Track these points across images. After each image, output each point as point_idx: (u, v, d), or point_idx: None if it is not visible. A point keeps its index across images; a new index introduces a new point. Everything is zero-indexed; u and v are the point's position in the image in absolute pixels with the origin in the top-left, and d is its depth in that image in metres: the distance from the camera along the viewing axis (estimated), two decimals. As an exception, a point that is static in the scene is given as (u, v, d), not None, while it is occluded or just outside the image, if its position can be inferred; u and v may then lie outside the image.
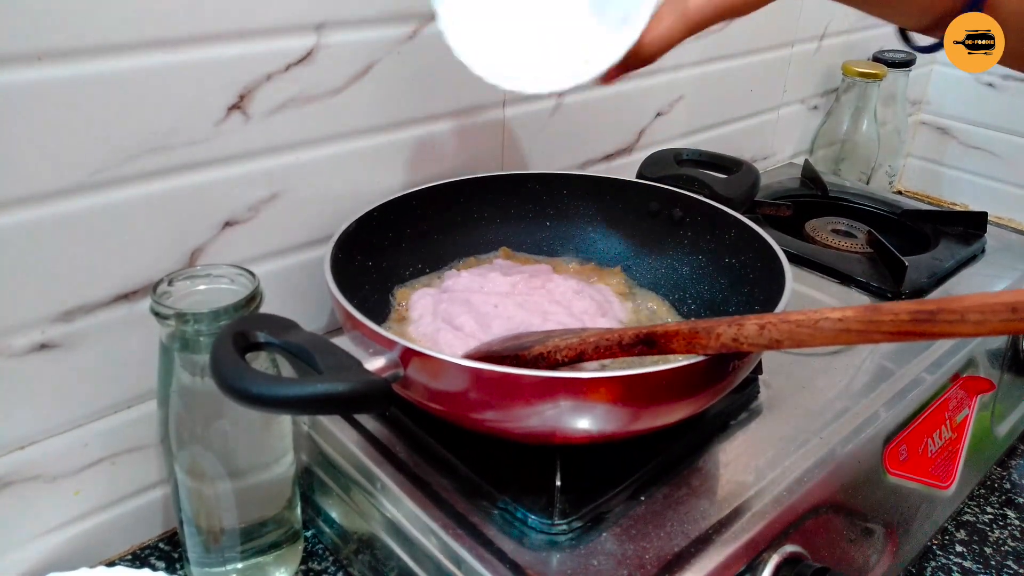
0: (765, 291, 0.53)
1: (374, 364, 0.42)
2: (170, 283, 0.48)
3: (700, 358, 0.41)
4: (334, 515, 0.56)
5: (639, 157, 0.77)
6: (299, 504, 0.56)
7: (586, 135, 0.77)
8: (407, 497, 0.48)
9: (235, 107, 0.52)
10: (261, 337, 0.41)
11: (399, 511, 0.49)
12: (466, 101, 0.65)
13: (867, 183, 1.07)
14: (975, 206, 1.17)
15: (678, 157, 0.70)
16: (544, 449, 0.47)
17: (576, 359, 0.44)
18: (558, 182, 0.66)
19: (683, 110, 0.86)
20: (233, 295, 0.47)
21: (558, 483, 0.46)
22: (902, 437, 0.58)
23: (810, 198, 0.92)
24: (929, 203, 1.12)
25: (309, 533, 0.59)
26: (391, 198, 0.59)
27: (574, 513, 0.45)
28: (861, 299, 0.72)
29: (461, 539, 0.45)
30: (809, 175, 0.96)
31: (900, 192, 1.25)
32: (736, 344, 0.39)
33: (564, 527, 0.45)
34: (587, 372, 0.41)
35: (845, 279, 0.75)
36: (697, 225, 0.62)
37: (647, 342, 0.42)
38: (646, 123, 0.83)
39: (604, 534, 0.45)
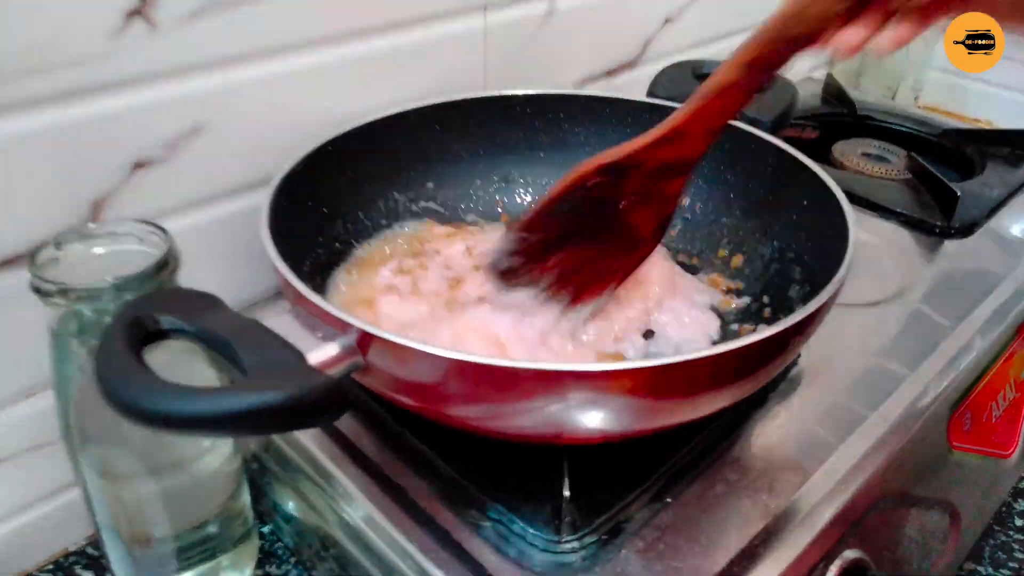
0: (817, 237, 0.44)
1: (321, 355, 0.32)
2: (57, 247, 0.38)
3: (753, 339, 0.32)
4: (291, 511, 0.49)
5: (646, 72, 0.68)
6: (248, 496, 0.48)
7: (583, 47, 0.68)
8: (375, 506, 0.40)
9: (136, 12, 0.41)
10: (166, 322, 0.32)
11: (366, 524, 0.40)
12: (439, 4, 0.56)
13: (892, 98, 0.96)
14: (1001, 122, 1.07)
15: (697, 71, 0.60)
16: (547, 446, 0.39)
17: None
18: (552, 104, 0.58)
19: (694, 15, 0.76)
20: (143, 260, 0.38)
21: (566, 492, 0.37)
22: (967, 403, 0.51)
23: (836, 118, 0.82)
24: (954, 120, 1.02)
25: (266, 529, 0.51)
26: (349, 128, 0.51)
27: (586, 525, 0.38)
28: (903, 235, 0.63)
29: (443, 563, 0.37)
30: (833, 91, 0.86)
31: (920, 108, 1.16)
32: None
33: (574, 543, 0.37)
34: (606, 363, 0.31)
35: (884, 212, 0.66)
36: (726, 155, 0.53)
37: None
38: (652, 31, 0.73)
39: (624, 551, 0.37)
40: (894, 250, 0.61)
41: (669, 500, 0.40)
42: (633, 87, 0.72)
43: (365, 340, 0.33)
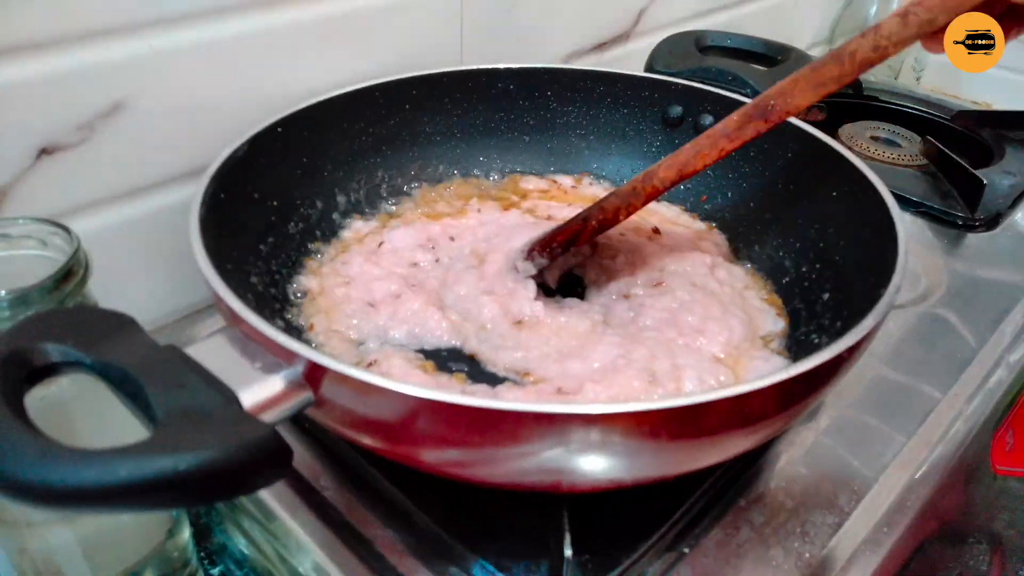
0: (851, 234, 0.40)
1: (260, 393, 0.26)
2: (-64, 252, 0.33)
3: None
4: (241, 552, 0.43)
5: (640, 46, 0.65)
6: (188, 534, 0.43)
7: (571, 17, 0.64)
8: (333, 561, 0.35)
9: (37, -39, 0.36)
10: (56, 354, 0.26)
11: (324, 581, 0.35)
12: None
13: (896, 79, 0.92)
14: (999, 104, 1.04)
15: (701, 43, 0.56)
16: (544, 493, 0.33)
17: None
18: (538, 80, 0.54)
19: (691, -17, 0.72)
20: (45, 268, 0.33)
21: (567, 551, 0.31)
22: (1009, 421, 0.46)
23: (840, 98, 0.78)
24: (960, 102, 0.98)
25: (216, 571, 0.45)
26: (303, 107, 0.46)
27: (590, 584, 0.32)
28: (922, 228, 0.59)
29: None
30: (835, 69, 0.81)
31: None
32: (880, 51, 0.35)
33: (577, 608, 0.32)
34: (619, 403, 0.25)
35: (900, 202, 0.60)
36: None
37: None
38: (646, 1, 0.69)
39: (637, 615, 0.32)
40: (914, 245, 0.56)
41: (686, 550, 0.35)
42: (625, 63, 0.69)
43: (315, 372, 0.27)
